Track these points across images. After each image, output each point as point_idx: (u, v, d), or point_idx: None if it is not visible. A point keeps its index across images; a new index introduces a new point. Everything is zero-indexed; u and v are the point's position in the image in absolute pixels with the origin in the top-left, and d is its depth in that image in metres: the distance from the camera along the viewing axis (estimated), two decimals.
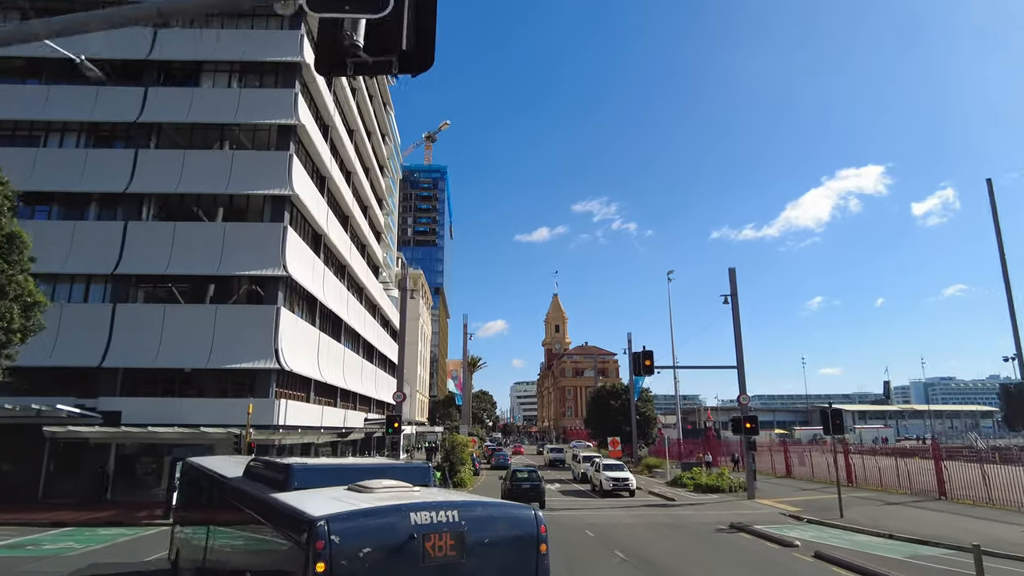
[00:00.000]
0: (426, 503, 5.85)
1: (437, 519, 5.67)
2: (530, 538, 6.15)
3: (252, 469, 8.43)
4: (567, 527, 21.32)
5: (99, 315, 26.54)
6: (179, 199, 29.12)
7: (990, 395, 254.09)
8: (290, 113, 29.48)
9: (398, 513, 5.62)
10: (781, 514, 24.09)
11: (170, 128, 29.83)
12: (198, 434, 24.01)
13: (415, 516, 5.61)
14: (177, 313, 27.03)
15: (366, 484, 6.66)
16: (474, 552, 5.75)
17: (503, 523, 6.14)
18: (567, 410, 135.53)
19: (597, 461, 33.83)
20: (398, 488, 6.65)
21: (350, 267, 41.67)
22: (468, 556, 5.71)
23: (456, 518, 5.76)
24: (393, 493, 6.42)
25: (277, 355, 26.50)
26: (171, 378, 27.12)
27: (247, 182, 28.43)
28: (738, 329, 30.95)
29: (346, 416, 38.74)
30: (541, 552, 6.15)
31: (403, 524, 5.52)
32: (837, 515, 22.19)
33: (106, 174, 28.12)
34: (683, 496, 30.48)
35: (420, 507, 5.73)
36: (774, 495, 29.89)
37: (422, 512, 5.67)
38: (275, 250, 27.62)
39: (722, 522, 22.28)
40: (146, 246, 27.40)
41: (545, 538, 6.26)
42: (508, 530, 6.09)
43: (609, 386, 58.99)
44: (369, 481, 6.78)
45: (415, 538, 5.48)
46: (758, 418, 29.60)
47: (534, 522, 6.26)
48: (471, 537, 5.76)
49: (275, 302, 27.45)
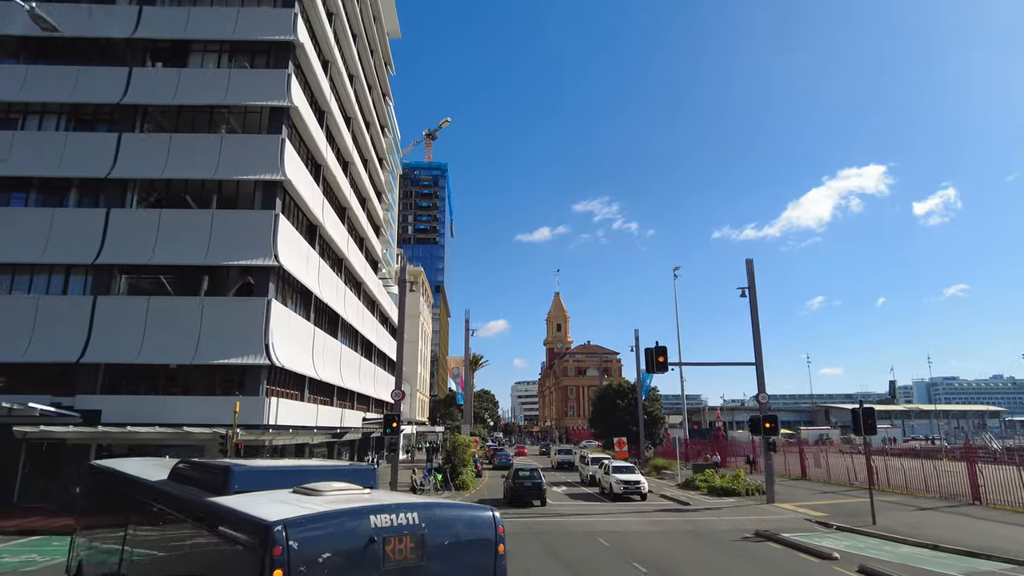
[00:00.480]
0: (386, 505, 5.70)
1: (397, 521, 5.57)
2: (489, 539, 6.15)
3: (181, 472, 7.84)
4: (578, 536, 19.71)
5: (78, 308, 24.94)
6: (165, 185, 27.50)
7: (994, 395, 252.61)
8: (283, 95, 27.86)
9: (358, 516, 5.46)
10: (806, 520, 22.45)
11: (156, 111, 28.21)
12: (181, 434, 22.43)
13: (375, 519, 5.47)
14: (162, 306, 25.41)
15: (314, 487, 6.40)
16: (434, 554, 5.69)
17: (462, 525, 6.09)
18: (569, 410, 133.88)
19: (606, 463, 32.20)
20: (350, 491, 6.46)
21: (347, 260, 40.06)
22: (428, 558, 5.65)
23: (416, 520, 5.68)
24: (346, 496, 6.24)
25: (268, 350, 24.89)
26: (155, 375, 25.53)
27: (237, 167, 26.81)
28: (756, 324, 29.34)
29: (343, 416, 37.13)
30: (499, 553, 6.17)
31: (363, 527, 5.38)
32: (869, 521, 20.56)
33: (87, 159, 26.51)
34: (697, 500, 28.86)
35: (380, 510, 5.59)
36: (793, 498, 28.28)
37: (382, 515, 5.54)
38: (266, 238, 26.01)
39: (745, 529, 20.68)
40: (129, 235, 25.80)
41: (503, 539, 6.26)
42: (467, 532, 6.06)
43: (615, 385, 57.32)
44: (317, 484, 6.52)
45: (375, 541, 5.35)
46: (778, 418, 27.96)
47: (493, 523, 6.24)
48: (431, 539, 5.70)
49: (266, 294, 25.84)
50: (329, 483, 6.57)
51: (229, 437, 20.78)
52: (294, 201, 29.81)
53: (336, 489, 6.38)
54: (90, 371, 24.65)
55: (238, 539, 5.38)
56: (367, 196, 48.42)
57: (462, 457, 35.48)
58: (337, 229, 37.33)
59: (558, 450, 50.39)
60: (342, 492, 6.35)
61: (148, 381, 25.51)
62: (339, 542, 5.21)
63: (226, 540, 5.61)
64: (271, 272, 26.17)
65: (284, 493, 6.43)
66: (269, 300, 25.59)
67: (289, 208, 29.25)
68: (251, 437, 22.80)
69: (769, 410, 28.65)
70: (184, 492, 7.02)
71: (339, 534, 5.26)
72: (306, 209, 31.15)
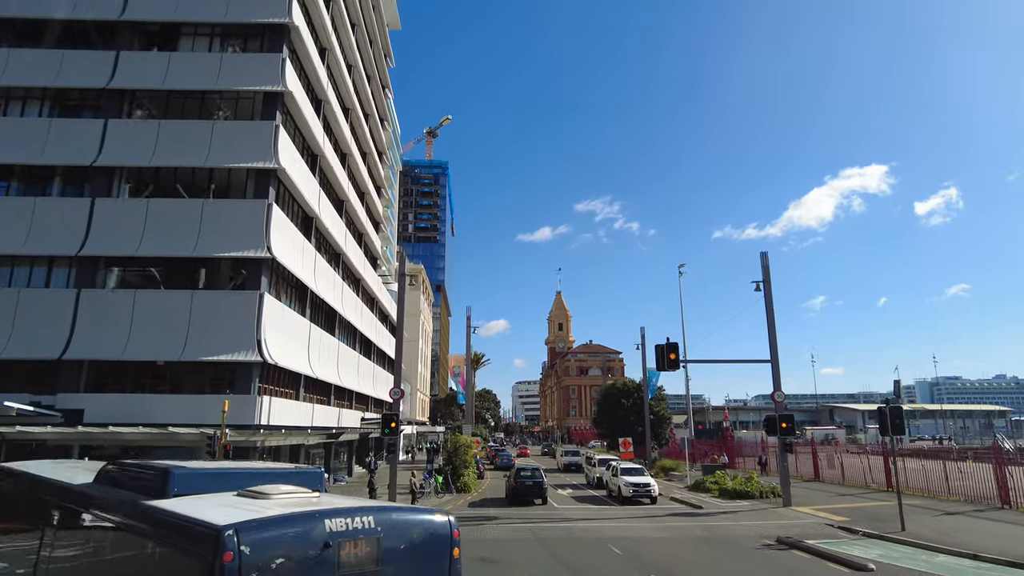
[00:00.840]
0: (342, 509, 5.58)
1: (353, 525, 5.44)
2: (444, 543, 6.11)
3: (111, 474, 7.32)
4: (587, 543, 18.49)
5: (61, 301, 23.75)
6: (154, 174, 26.29)
7: (997, 394, 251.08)
8: (276, 79, 26.65)
9: (313, 520, 5.30)
10: (828, 525, 21.21)
11: (144, 96, 26.99)
12: (167, 435, 21.26)
13: (330, 523, 5.32)
14: (149, 300, 24.22)
15: (260, 490, 6.13)
16: (389, 559, 5.61)
17: (418, 528, 6.05)
18: (571, 409, 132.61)
19: (614, 465, 30.93)
20: (299, 493, 6.23)
21: (345, 255, 38.84)
22: (384, 563, 5.57)
23: (372, 524, 5.58)
24: (295, 499, 6.03)
25: (260, 346, 23.69)
26: (142, 372, 24.32)
27: (229, 155, 25.61)
28: (771, 319, 28.07)
29: (340, 415, 35.92)
30: (454, 557, 6.14)
31: (318, 531, 5.21)
32: (897, 527, 19.32)
33: (72, 146, 25.31)
34: (710, 503, 27.62)
35: (335, 513, 5.45)
36: (810, 501, 27.03)
37: (338, 518, 5.39)
38: (258, 229, 24.79)
39: (766, 535, 19.45)
40: (115, 225, 24.60)
41: (458, 542, 6.21)
42: (423, 535, 6.03)
43: (620, 384, 56.03)
44: (263, 486, 6.24)
45: (330, 546, 5.20)
46: (794, 417, 26.72)
47: (448, 527, 6.20)
48: (387, 543, 5.63)
49: (258, 287, 24.63)
50: (276, 486, 6.30)
51: (217, 438, 19.59)
52: (288, 191, 28.60)
53: (284, 492, 6.14)
54: (73, 368, 23.46)
55: (183, 546, 5.06)
56: (366, 190, 47.21)
57: (464, 458, 34.27)
58: (335, 223, 36.12)
59: (564, 451, 48.41)
60: (291, 495, 6.12)
61: (135, 379, 24.31)
62: (293, 547, 5.02)
63: (168, 547, 5.29)
64: (263, 264, 24.96)
65: (228, 496, 6.18)
66: (261, 294, 24.38)
67: (283, 198, 28.04)
68: (241, 438, 21.60)
69: (786, 409, 27.42)
70: (116, 496, 6.54)
71: (293, 539, 5.08)
72: (301, 200, 29.94)
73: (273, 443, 24.97)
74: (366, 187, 46.93)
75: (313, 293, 31.29)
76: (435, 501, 28.53)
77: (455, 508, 26.90)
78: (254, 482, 6.53)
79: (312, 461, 34.11)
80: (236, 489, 6.40)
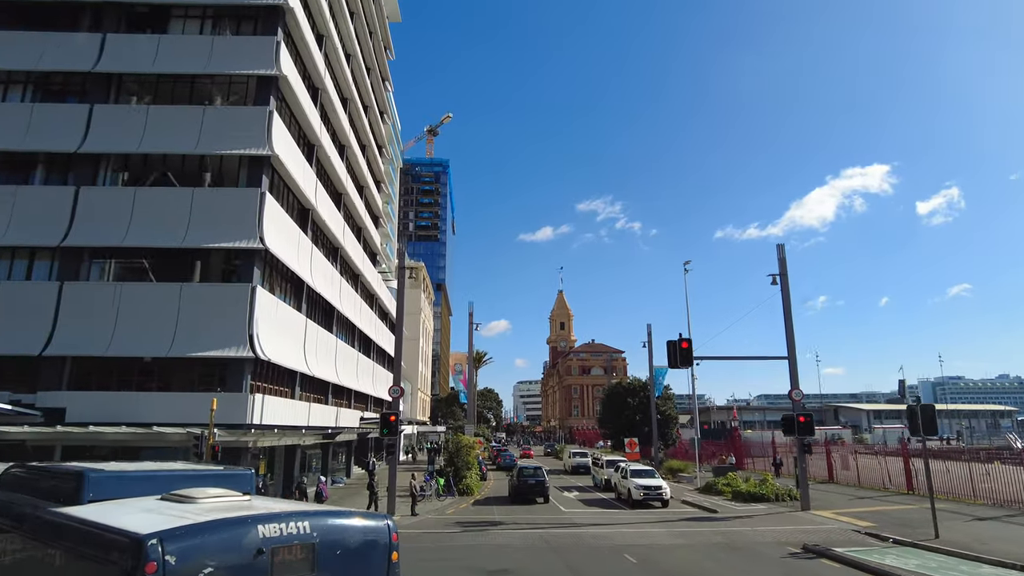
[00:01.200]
0: (275, 514, 5.32)
1: (287, 531, 5.19)
2: (383, 547, 6.01)
3: (15, 477, 6.98)
4: (601, 551, 17.28)
5: (43, 295, 22.57)
6: (141, 161, 25.10)
7: (1001, 394, 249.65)
8: (271, 63, 25.45)
9: (244, 526, 5.03)
10: (854, 531, 19.99)
11: (132, 80, 25.79)
12: (152, 435, 20.07)
13: (263, 528, 5.05)
14: (135, 292, 23.03)
15: (186, 493, 5.89)
16: (325, 565, 5.41)
17: (356, 533, 5.89)
18: (574, 409, 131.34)
19: (623, 466, 29.71)
20: (228, 497, 6.00)
21: (344, 250, 37.64)
22: (319, 569, 5.37)
23: (308, 529, 5.34)
24: (226, 503, 5.81)
25: (252, 342, 22.49)
26: (128, 369, 23.11)
27: (220, 141, 24.41)
28: (788, 314, 26.87)
29: (338, 415, 34.72)
30: (393, 561, 6.05)
31: (250, 537, 4.95)
32: (929, 534, 18.10)
33: (56, 132, 24.11)
34: (724, 506, 26.41)
35: (269, 518, 5.18)
36: (828, 505, 25.82)
37: (271, 524, 5.12)
38: (251, 219, 23.60)
39: (789, 542, 18.26)
40: (101, 214, 23.41)
41: (397, 546, 6.14)
42: (361, 540, 5.89)
43: (626, 383, 54.79)
44: (190, 490, 5.99)
45: (263, 553, 4.94)
46: (813, 416, 25.50)
47: (387, 531, 6.11)
48: (323, 549, 5.42)
49: (250, 280, 23.43)
50: (203, 489, 6.05)
51: (205, 438, 18.39)
52: (283, 181, 27.41)
53: (212, 496, 5.87)
54: (55, 365, 22.28)
55: (100, 557, 4.75)
56: (365, 184, 46.01)
57: (466, 460, 33.08)
58: (332, 216, 34.93)
59: (572, 453, 46.58)
60: (220, 499, 5.85)
61: (120, 376, 23.10)
62: (223, 555, 4.76)
63: (84, 559, 4.93)
64: (256, 256, 23.77)
65: (151, 501, 5.91)
66: (254, 287, 23.18)
67: (278, 188, 26.85)
68: (231, 438, 20.40)
69: (804, 408, 26.19)
70: (19, 502, 6.14)
71: (223, 546, 4.83)
72: (297, 191, 28.74)
73: (266, 443, 23.78)
74: (365, 180, 45.73)
75: (309, 288, 30.10)
76: (436, 505, 27.34)
77: (457, 511, 25.74)
78: (180, 485, 6.21)
79: (309, 462, 32.93)
80: (159, 493, 6.06)
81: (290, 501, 8.02)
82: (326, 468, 34.99)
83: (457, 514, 24.89)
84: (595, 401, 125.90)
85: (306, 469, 32.17)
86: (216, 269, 24.87)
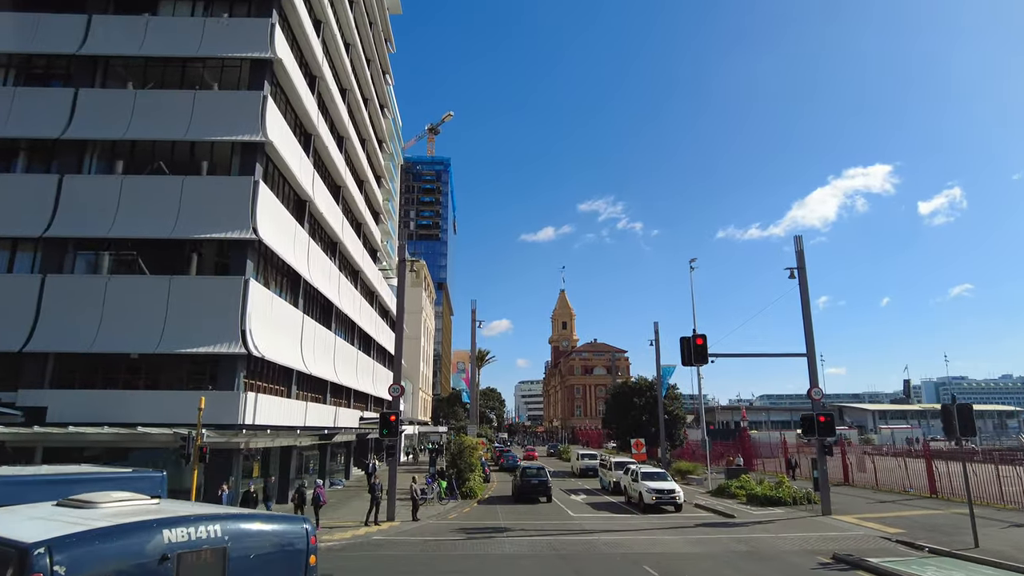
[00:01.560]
0: (182, 518, 5.10)
1: (196, 535, 5.00)
2: (299, 551, 5.78)
3: None
4: (616, 560, 16.05)
5: (24, 288, 21.39)
6: (129, 148, 23.90)
7: (1004, 394, 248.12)
8: (265, 46, 24.28)
9: (147, 531, 4.79)
10: (883, 538, 18.77)
11: (119, 63, 24.61)
12: (136, 435, 18.90)
13: (168, 533, 4.86)
14: (122, 286, 21.85)
15: (86, 498, 5.55)
16: (237, 570, 5.20)
17: (270, 536, 5.70)
18: (576, 409, 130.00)
19: (633, 468, 28.46)
20: (133, 501, 5.68)
21: (343, 244, 36.45)
22: (231, 574, 5.15)
23: (219, 533, 5.16)
24: (129, 507, 5.46)
25: (244, 337, 21.30)
26: (114, 366, 21.96)
27: (212, 127, 23.24)
28: (807, 308, 25.69)
29: (337, 415, 33.52)
30: (311, 565, 5.85)
31: (153, 543, 4.74)
32: (967, 541, 16.93)
33: (38, 117, 22.93)
34: (740, 511, 25.17)
35: (175, 523, 4.97)
36: (850, 509, 24.58)
37: (178, 528, 4.93)
38: (244, 208, 22.40)
39: (817, 550, 17.05)
40: (86, 204, 22.24)
41: (315, 549, 5.95)
42: (276, 543, 5.69)
43: (631, 382, 53.53)
44: (90, 495, 5.66)
45: (168, 559, 4.75)
46: (835, 416, 24.27)
47: (305, 535, 5.90)
48: (234, 554, 5.21)
49: (243, 272, 22.24)
50: (107, 493, 5.85)
51: (192, 438, 17.20)
52: (279, 170, 26.23)
53: (116, 500, 5.65)
54: (37, 362, 21.12)
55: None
56: (365, 178, 44.81)
57: (469, 461, 31.82)
58: (331, 209, 33.73)
59: (581, 455, 44.79)
60: (124, 503, 5.62)
61: (106, 374, 21.93)
62: (122, 562, 4.51)
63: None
64: (249, 247, 22.58)
65: (45, 507, 5.63)
66: (247, 279, 21.99)
67: (272, 177, 25.67)
68: (221, 439, 19.22)
69: (824, 406, 24.97)
70: None
71: (122, 553, 4.55)
72: (293, 181, 27.55)
73: (259, 445, 22.61)
74: (365, 175, 44.53)
75: (307, 282, 28.91)
76: (439, 509, 26.13)
77: (460, 516, 24.54)
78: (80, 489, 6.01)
79: (306, 464, 31.74)
80: (57, 498, 5.83)
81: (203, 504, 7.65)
82: (324, 470, 33.80)
83: (460, 519, 23.68)
84: (598, 401, 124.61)
85: (303, 471, 30.99)
86: (209, 262, 23.68)
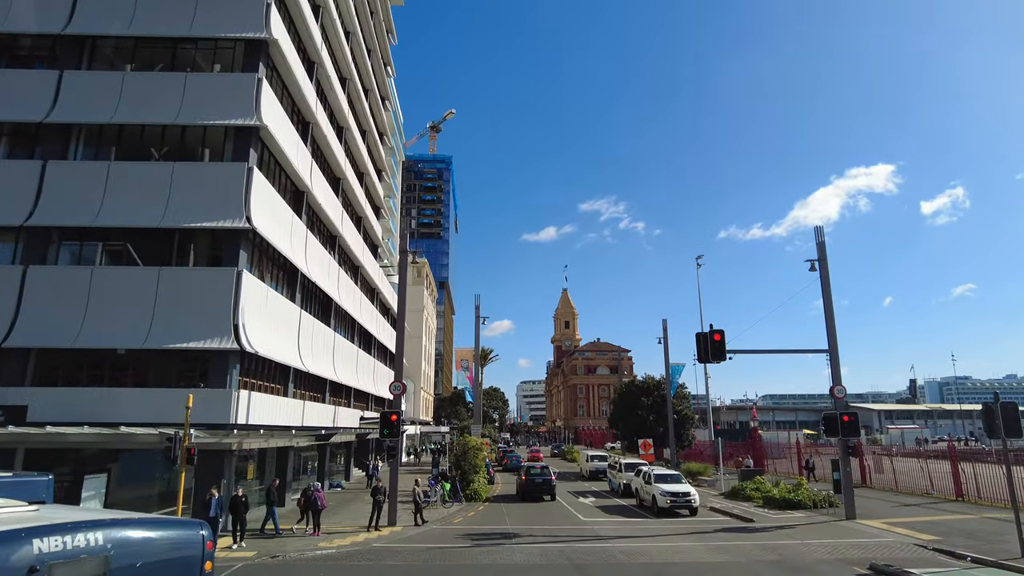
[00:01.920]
0: (58, 526, 4.76)
1: (74, 544, 4.71)
2: (194, 557, 5.46)
3: None
4: (636, 570, 14.85)
5: (4, 279, 20.21)
6: (116, 132, 22.73)
7: (1008, 394, 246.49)
8: (260, 26, 23.10)
9: (13, 540, 4.42)
10: (917, 546, 17.55)
11: (106, 44, 23.46)
12: (120, 436, 17.72)
13: (40, 543, 4.52)
14: (108, 278, 20.68)
15: None
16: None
17: (160, 543, 5.36)
18: (579, 409, 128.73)
19: (646, 471, 27.25)
20: (5, 508, 5.29)
21: (342, 238, 35.28)
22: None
23: (100, 541, 4.88)
24: None
25: (237, 332, 20.12)
26: (100, 363, 20.78)
27: (204, 111, 22.06)
28: (829, 302, 24.46)
29: (336, 414, 32.34)
30: (206, 570, 5.55)
31: (20, 554, 4.37)
32: (1013, 550, 15.73)
33: (21, 101, 21.74)
34: (758, 514, 23.98)
35: (49, 531, 4.65)
36: (874, 513, 23.38)
37: (52, 537, 4.59)
38: (236, 196, 21.22)
39: (849, 559, 15.85)
40: (70, 191, 21.06)
41: (211, 555, 5.60)
42: (167, 550, 5.36)
43: (638, 382, 52.32)
44: None
45: (37, 570, 4.42)
46: (858, 415, 23.06)
47: (200, 540, 5.57)
48: (118, 563, 4.92)
49: (235, 264, 21.05)
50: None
51: (179, 439, 16.01)
52: (275, 157, 25.05)
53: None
54: (17, 358, 19.93)
55: None
56: (365, 171, 43.63)
57: (473, 462, 30.67)
58: (330, 201, 32.54)
59: (590, 456, 43.28)
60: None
61: (91, 371, 20.77)
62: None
63: None
64: (242, 237, 21.40)
65: None
66: (239, 271, 20.79)
67: (268, 165, 24.50)
68: (211, 439, 18.04)
69: (847, 405, 23.76)
70: None
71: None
72: (290, 170, 26.37)
73: (252, 445, 21.44)
74: (365, 167, 43.35)
75: (304, 276, 27.73)
76: (443, 512, 24.95)
77: (465, 520, 23.35)
78: None
79: (304, 465, 30.58)
80: None
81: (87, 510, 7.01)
82: (323, 471, 32.64)
83: (466, 523, 22.50)
84: (601, 401, 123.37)
85: (301, 472, 29.83)
86: (201, 254, 22.49)
